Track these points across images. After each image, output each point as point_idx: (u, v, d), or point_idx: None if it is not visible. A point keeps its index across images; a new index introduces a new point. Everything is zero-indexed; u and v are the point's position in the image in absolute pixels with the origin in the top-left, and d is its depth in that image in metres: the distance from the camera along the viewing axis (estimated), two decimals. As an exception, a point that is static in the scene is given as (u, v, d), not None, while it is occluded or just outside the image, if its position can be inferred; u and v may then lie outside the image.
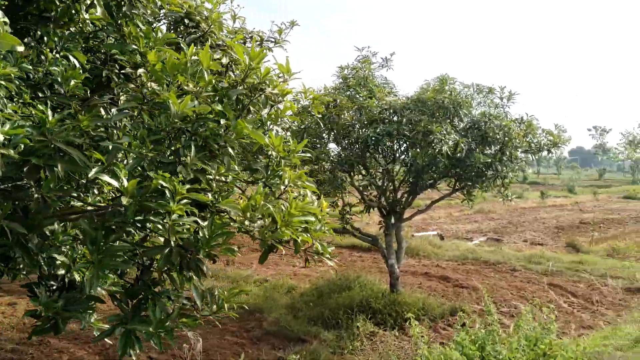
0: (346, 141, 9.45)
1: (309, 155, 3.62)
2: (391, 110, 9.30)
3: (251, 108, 3.18)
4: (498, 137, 9.28)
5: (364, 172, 9.94)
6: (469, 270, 15.30)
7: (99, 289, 3.29)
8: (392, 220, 10.73)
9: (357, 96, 9.56)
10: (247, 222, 2.74)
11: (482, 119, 9.28)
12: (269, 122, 3.16)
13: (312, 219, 2.96)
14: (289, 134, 9.81)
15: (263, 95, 3.08)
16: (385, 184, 10.22)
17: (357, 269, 14.76)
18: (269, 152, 3.13)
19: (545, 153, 10.12)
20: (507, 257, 16.73)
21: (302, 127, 9.18)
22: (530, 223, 28.40)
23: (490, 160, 9.36)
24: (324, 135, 9.60)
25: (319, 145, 9.22)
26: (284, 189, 3.11)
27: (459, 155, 9.21)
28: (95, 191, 3.20)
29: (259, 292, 11.63)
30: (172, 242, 2.59)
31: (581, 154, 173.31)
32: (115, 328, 2.84)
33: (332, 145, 10.16)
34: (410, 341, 9.21)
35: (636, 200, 46.15)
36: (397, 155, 9.77)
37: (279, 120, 3.20)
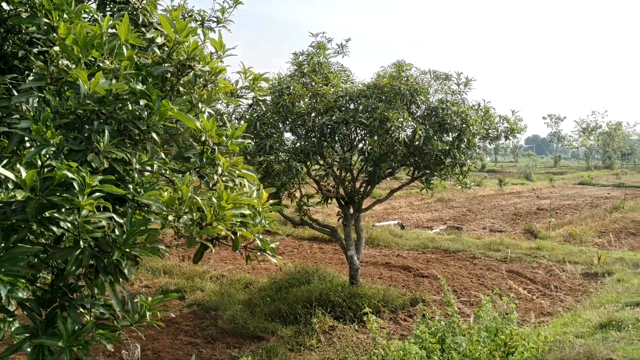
0: (302, 130, 9.12)
1: (248, 141, 3.28)
2: (347, 98, 9.02)
3: (181, 89, 2.83)
4: (456, 124, 9.11)
5: (321, 161, 9.65)
6: (430, 259, 15.24)
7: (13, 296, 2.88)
8: (351, 211, 10.48)
9: (313, 84, 9.25)
10: (171, 217, 2.40)
11: (440, 106, 9.10)
12: (200, 104, 2.81)
13: (247, 211, 2.64)
14: (234, 119, 9.46)
15: (192, 73, 2.73)
16: (343, 174, 9.96)
17: (318, 261, 14.51)
18: (202, 138, 2.78)
19: (502, 140, 10.00)
20: (467, 245, 16.77)
21: (255, 115, 8.82)
22: (489, 210, 28.71)
23: (448, 147, 9.20)
24: (279, 124, 9.25)
25: (275, 135, 8.86)
26: (217, 178, 2.77)
27: (417, 143, 9.02)
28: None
29: (216, 288, 11.24)
30: (81, 243, 2.23)
31: (537, 142, 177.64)
32: (24, 342, 2.47)
33: (289, 135, 9.85)
34: (370, 335, 9.02)
35: (591, 186, 47.40)
36: (355, 143, 9.50)
37: (212, 101, 2.85)
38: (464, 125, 9.14)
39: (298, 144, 8.67)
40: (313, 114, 9.06)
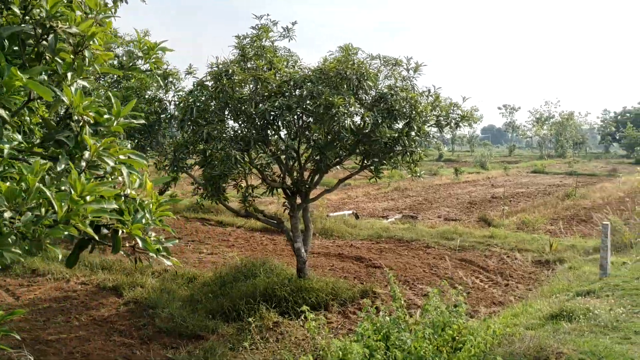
0: (243, 117, 8.61)
1: (142, 121, 2.78)
2: (292, 83, 8.55)
3: (47, 55, 2.31)
4: (405, 110, 8.76)
5: (267, 150, 9.16)
6: (383, 249, 14.98)
7: None
8: (298, 201, 10.05)
9: (256, 68, 8.73)
10: (7, 215, 1.89)
11: (389, 92, 8.72)
12: (70, 74, 2.31)
13: (114, 205, 2.15)
14: (174, 106, 8.84)
15: (51, 36, 2.22)
16: (289, 163, 9.51)
17: (269, 253, 14.06)
18: (75, 117, 2.28)
19: (454, 127, 9.71)
20: (421, 234, 16.59)
21: (192, 100, 8.26)
22: (444, 199, 28.77)
23: (397, 135, 8.85)
24: (219, 111, 8.71)
25: (214, 122, 8.31)
26: (86, 165, 2.27)
27: (366, 130, 8.63)
28: None
29: (157, 284, 10.66)
30: None
31: (493, 132, 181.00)
32: None
33: (234, 124, 9.32)
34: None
35: (544, 174, 48.34)
36: (301, 131, 9.05)
37: (84, 71, 2.36)
38: (413, 112, 8.80)
39: (239, 132, 8.14)
40: (257, 100, 8.55)
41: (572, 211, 23.31)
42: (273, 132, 9.32)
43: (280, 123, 8.39)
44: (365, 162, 9.36)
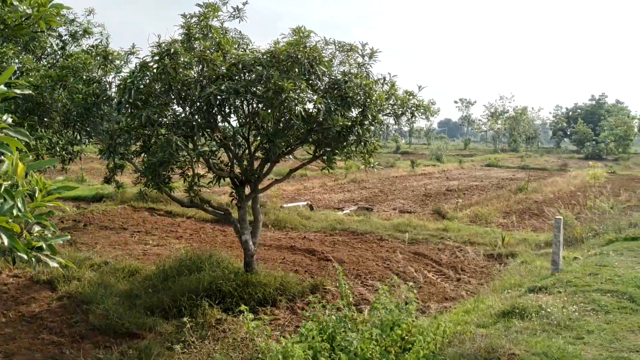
0: (188, 101, 8.07)
1: (27, 92, 2.30)
2: (240, 66, 8.05)
3: None
4: (359, 98, 8.40)
5: (213, 137, 8.64)
6: (337, 242, 14.67)
7: None
8: (247, 191, 9.58)
9: (202, 49, 8.19)
10: None
11: (343, 78, 8.34)
12: None
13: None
14: (114, 87, 8.23)
15: None
16: (237, 151, 9.02)
17: (219, 245, 13.56)
18: None
19: (409, 116, 9.40)
20: (375, 227, 16.36)
21: (130, 81, 7.66)
22: (400, 191, 28.74)
23: (350, 123, 8.48)
24: (162, 93, 8.14)
25: (155, 105, 7.74)
26: None
27: (319, 118, 8.23)
28: None
29: (95, 277, 10.01)
30: None
31: (449, 126, 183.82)
32: None
33: (178, 108, 8.74)
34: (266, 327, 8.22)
35: (497, 168, 49.13)
36: (250, 118, 8.57)
37: None
38: (367, 100, 8.44)
39: (182, 116, 7.58)
40: (203, 83, 8.00)
41: (524, 205, 23.57)
42: (222, 118, 8.80)
43: (227, 108, 7.89)
44: (318, 151, 8.97)
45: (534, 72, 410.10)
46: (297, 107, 7.45)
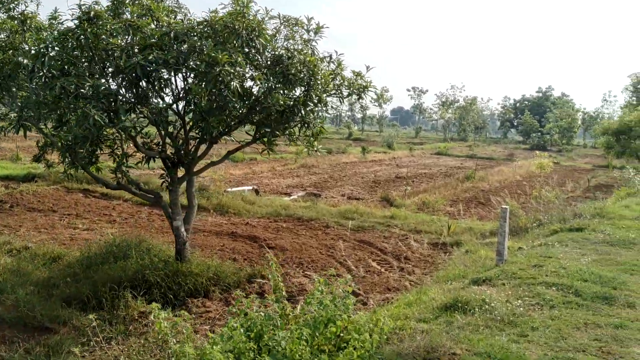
0: (112, 72, 7.30)
1: None
2: (172, 35, 7.33)
3: None
4: (302, 75, 7.82)
5: (140, 112, 7.88)
6: (281, 228, 14.13)
7: None
8: (181, 174, 8.89)
9: (129, 15, 7.43)
10: None
11: (285, 54, 7.74)
12: None
13: None
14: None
15: None
16: (172, 130, 8.32)
17: (153, 231, 12.80)
18: None
19: (355, 97, 8.90)
20: (321, 213, 15.90)
21: (43, 46, 6.84)
22: (350, 177, 28.44)
23: (293, 103, 7.91)
24: (84, 63, 7.33)
25: (72, 74, 6.94)
26: None
27: (262, 97, 7.60)
28: None
29: (12, 264, 9.14)
30: None
31: (402, 114, 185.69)
32: None
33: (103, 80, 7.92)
34: (193, 321, 7.62)
35: (446, 156, 49.67)
36: (185, 93, 7.87)
37: None
38: (311, 79, 7.88)
39: (103, 88, 6.81)
40: (129, 53, 7.24)
41: (471, 193, 23.64)
42: (152, 93, 8.04)
43: (157, 82, 7.18)
44: (259, 133, 8.36)
45: (485, 62, 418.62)
46: (233, 83, 6.82)
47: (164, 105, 6.93)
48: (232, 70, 6.80)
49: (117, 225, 13.35)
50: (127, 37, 7.47)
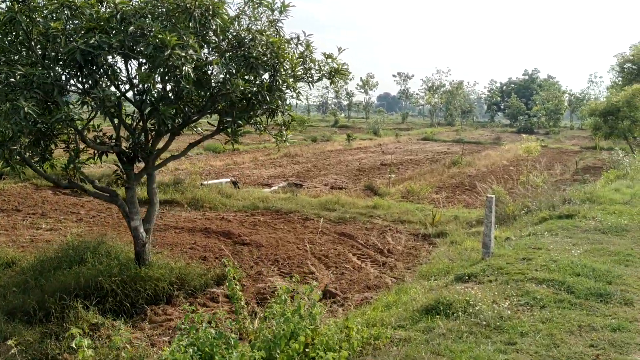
0: (50, 58, 6.53)
1: None
2: (118, 17, 6.58)
3: None
4: (266, 59, 7.11)
5: (90, 103, 7.12)
6: (257, 223, 13.45)
7: None
8: (139, 170, 8.17)
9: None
10: None
11: (248, 36, 7.02)
12: None
13: None
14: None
15: None
16: (132, 122, 7.58)
17: (121, 230, 12.07)
18: None
19: (327, 80, 8.20)
20: (301, 205, 15.23)
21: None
22: (333, 166, 27.77)
23: (256, 89, 7.20)
24: (20, 49, 6.57)
25: (2, 61, 6.19)
26: None
27: (220, 84, 6.88)
28: None
29: (-42, 271, 8.41)
30: None
31: (388, 100, 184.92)
32: None
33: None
34: (152, 331, 6.96)
35: (433, 142, 49.11)
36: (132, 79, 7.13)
37: None
38: (277, 62, 7.17)
39: (35, 77, 6.05)
40: (71, 38, 6.49)
41: (457, 179, 23.08)
42: (105, 81, 7.27)
43: (104, 69, 6.44)
44: (222, 123, 7.64)
45: (471, 46, 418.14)
46: (184, 68, 6.10)
47: (109, 94, 6.17)
48: (184, 54, 6.08)
49: (83, 224, 12.61)
50: (71, 20, 6.71)
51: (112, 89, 7.25)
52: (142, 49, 6.35)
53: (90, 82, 6.59)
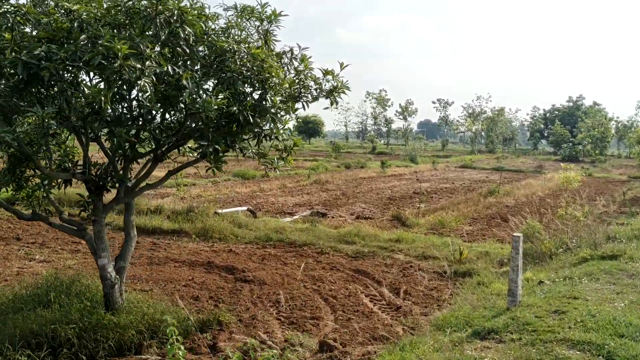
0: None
1: None
2: (76, 24, 5.75)
3: None
4: (249, 73, 6.14)
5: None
6: (267, 256, 12.38)
7: None
8: (117, 199, 7.25)
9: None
10: None
11: (227, 46, 6.06)
12: None
13: None
14: None
15: None
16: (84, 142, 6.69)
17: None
18: None
19: (323, 99, 7.16)
20: (318, 237, 14.10)
21: None
22: (364, 194, 26.60)
23: (235, 108, 6.21)
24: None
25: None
26: None
27: (188, 102, 5.92)
28: None
29: None
30: None
31: (429, 127, 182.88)
32: None
33: None
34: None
35: (471, 169, 47.31)
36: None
37: None
38: (260, 76, 6.19)
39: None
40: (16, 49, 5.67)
41: (493, 210, 21.54)
42: (60, 98, 6.39)
43: (46, 83, 5.59)
44: (202, 148, 6.64)
45: (511, 72, 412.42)
46: (140, 81, 5.16)
47: (49, 113, 5.26)
48: (139, 66, 5.14)
49: (80, 256, 11.80)
50: (28, 29, 5.93)
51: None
52: (88, 59, 5.44)
53: (40, 97, 5.73)
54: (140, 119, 5.73)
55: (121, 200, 7.12)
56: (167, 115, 6.21)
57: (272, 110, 6.59)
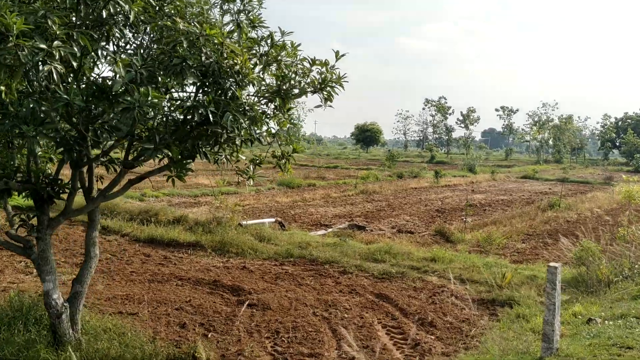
0: None
1: None
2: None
3: None
4: (203, 58, 4.95)
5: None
6: (282, 275, 11.14)
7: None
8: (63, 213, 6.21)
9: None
10: None
11: (167, 24, 4.92)
12: None
13: None
14: None
15: None
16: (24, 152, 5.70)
17: (116, 281, 10.27)
18: None
19: (310, 95, 5.87)
20: (344, 254, 12.73)
21: None
22: (410, 205, 24.95)
23: (189, 103, 5.03)
24: None
25: None
26: None
27: (121, 94, 4.77)
28: None
29: None
30: None
31: (493, 135, 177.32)
32: None
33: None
34: None
35: (534, 180, 44.55)
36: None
37: None
38: (218, 63, 4.98)
39: None
40: None
41: (552, 225, 19.47)
42: None
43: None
44: (138, 152, 5.51)
45: (580, 78, 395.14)
46: (46, 67, 4.07)
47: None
48: (44, 46, 4.04)
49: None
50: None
51: None
52: None
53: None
54: (52, 114, 4.62)
55: (70, 215, 6.06)
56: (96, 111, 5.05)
57: (241, 108, 5.35)
